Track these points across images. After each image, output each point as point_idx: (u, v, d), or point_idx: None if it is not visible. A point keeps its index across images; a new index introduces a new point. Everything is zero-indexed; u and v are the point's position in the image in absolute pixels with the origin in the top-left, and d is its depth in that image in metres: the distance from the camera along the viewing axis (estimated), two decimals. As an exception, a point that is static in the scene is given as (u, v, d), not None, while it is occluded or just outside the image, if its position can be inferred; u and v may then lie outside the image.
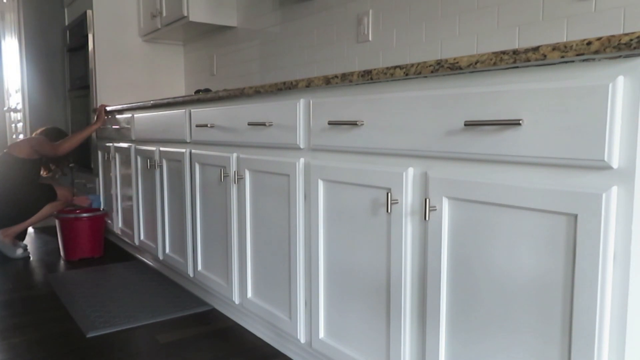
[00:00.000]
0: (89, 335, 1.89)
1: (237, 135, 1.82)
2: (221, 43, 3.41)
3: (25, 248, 3.03)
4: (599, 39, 0.80)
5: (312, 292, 1.51)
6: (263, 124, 1.63)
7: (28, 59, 4.46)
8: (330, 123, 1.37)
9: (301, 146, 1.53)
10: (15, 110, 4.90)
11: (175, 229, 2.39)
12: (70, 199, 3.16)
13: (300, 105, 1.51)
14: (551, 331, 0.93)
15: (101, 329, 1.92)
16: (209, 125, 1.97)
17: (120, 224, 3.11)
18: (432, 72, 1.08)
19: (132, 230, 2.87)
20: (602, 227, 0.83)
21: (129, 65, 3.72)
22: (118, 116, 3.03)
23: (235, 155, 1.85)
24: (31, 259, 3.00)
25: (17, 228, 3.02)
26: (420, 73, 1.10)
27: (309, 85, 1.43)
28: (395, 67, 1.16)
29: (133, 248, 3.07)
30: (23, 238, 3.15)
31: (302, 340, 1.59)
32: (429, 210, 1.11)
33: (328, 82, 1.36)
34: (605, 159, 0.82)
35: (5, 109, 5.25)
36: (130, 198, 2.89)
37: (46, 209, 3.03)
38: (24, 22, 4.42)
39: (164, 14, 3.30)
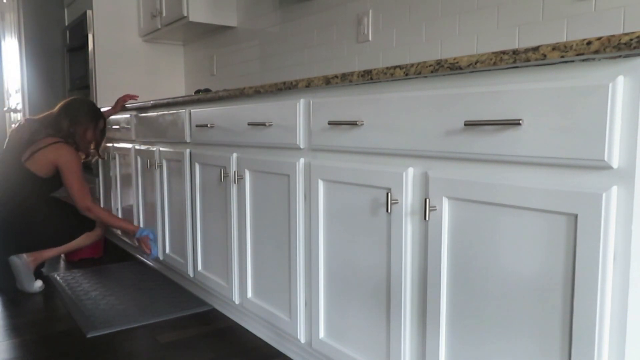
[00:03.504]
0: (89, 335, 1.89)
1: (237, 135, 1.82)
2: (221, 43, 3.40)
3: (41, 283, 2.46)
4: (599, 39, 0.80)
5: (312, 292, 1.51)
6: (263, 124, 1.63)
7: (28, 59, 4.46)
8: (330, 123, 1.37)
9: (301, 146, 1.53)
10: (15, 111, 4.91)
11: (175, 229, 2.39)
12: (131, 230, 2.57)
13: (300, 105, 1.51)
14: (551, 331, 0.93)
15: (101, 329, 1.92)
16: (209, 125, 1.97)
17: (120, 224, 3.10)
18: (432, 72, 1.08)
19: (132, 230, 2.87)
20: (602, 227, 0.83)
21: (129, 65, 3.72)
22: (118, 116, 3.03)
23: (235, 155, 1.85)
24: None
25: (48, 253, 2.51)
26: (420, 73, 1.10)
27: (309, 85, 1.43)
28: (395, 67, 1.16)
29: (133, 248, 3.07)
30: (42, 265, 2.63)
31: (302, 340, 1.59)
32: (429, 210, 1.11)
33: (328, 82, 1.36)
34: (605, 158, 0.82)
35: (5, 109, 5.25)
36: (130, 198, 2.89)
37: (81, 240, 2.59)
38: (24, 22, 4.42)
39: (164, 14, 3.30)
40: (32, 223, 2.45)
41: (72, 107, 2.61)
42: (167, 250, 2.48)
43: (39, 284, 2.42)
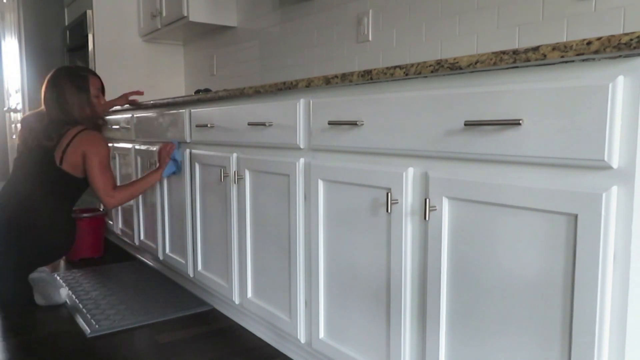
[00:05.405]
0: (89, 335, 1.89)
1: (237, 135, 1.82)
2: (221, 43, 3.40)
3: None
4: (599, 39, 0.80)
5: (312, 292, 1.51)
6: (263, 124, 1.63)
7: (28, 59, 4.46)
8: (330, 123, 1.37)
9: (301, 146, 1.53)
10: (15, 111, 4.91)
11: (175, 229, 2.39)
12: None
13: (300, 105, 1.51)
14: (551, 331, 0.93)
15: (101, 329, 1.92)
16: (209, 125, 1.97)
17: (120, 224, 3.11)
18: (432, 72, 1.08)
19: (132, 230, 2.87)
20: (602, 227, 0.83)
21: (129, 65, 3.72)
22: (118, 116, 3.03)
23: (235, 155, 1.85)
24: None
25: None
26: (420, 73, 1.10)
27: (309, 85, 1.43)
28: (395, 67, 1.16)
29: (133, 248, 3.07)
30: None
31: (302, 340, 1.59)
32: (429, 210, 1.11)
33: (328, 82, 1.36)
34: (605, 158, 0.82)
35: (5, 109, 5.25)
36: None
37: None
38: (24, 22, 4.42)
39: (164, 14, 3.30)
40: (45, 235, 2.20)
41: (51, 91, 2.30)
42: (167, 250, 2.48)
43: (65, 291, 2.20)
